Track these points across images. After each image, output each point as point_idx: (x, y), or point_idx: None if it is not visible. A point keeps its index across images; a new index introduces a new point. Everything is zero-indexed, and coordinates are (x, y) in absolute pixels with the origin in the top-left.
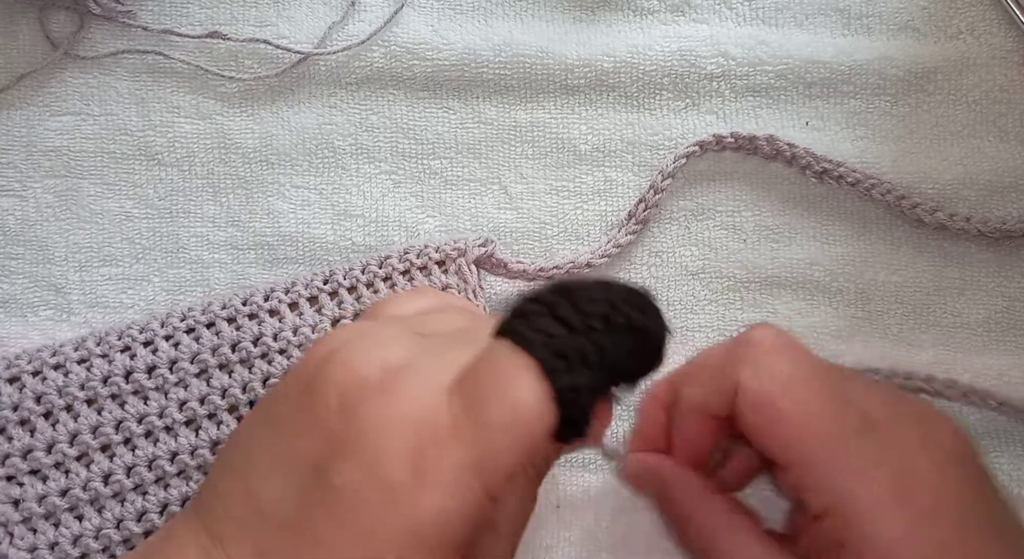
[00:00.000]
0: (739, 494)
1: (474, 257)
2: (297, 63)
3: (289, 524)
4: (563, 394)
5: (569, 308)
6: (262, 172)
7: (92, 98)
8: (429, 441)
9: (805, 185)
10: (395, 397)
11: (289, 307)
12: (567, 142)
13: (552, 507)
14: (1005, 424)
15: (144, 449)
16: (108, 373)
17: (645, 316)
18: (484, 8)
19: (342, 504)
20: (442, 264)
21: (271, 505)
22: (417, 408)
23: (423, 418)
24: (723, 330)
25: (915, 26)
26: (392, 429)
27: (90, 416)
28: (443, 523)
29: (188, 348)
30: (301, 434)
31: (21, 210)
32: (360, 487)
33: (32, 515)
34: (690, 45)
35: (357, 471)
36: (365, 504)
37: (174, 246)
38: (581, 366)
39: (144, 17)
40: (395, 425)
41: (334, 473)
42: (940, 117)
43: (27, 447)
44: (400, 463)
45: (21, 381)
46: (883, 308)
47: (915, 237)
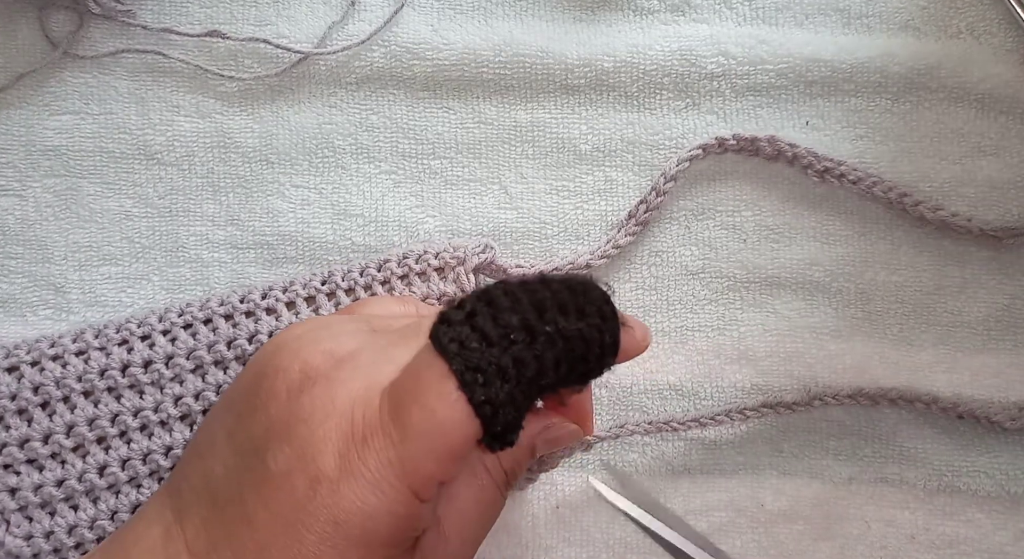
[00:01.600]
0: None
1: (473, 265)
2: (297, 63)
3: (228, 501)
4: (479, 407)
5: (489, 319)
6: (262, 171)
7: (91, 97)
8: (359, 437)
9: (805, 185)
10: (333, 389)
11: (286, 306)
12: (567, 142)
13: (552, 507)
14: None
15: (139, 443)
16: (105, 366)
17: (581, 319)
18: (484, 8)
19: (272, 487)
20: (441, 271)
21: (217, 483)
22: (351, 403)
23: (356, 414)
24: (723, 330)
25: (915, 25)
26: (326, 421)
27: (87, 408)
28: (365, 517)
29: (184, 344)
30: (251, 417)
31: (20, 209)
32: (291, 473)
33: (28, 504)
34: (690, 45)
35: (290, 457)
36: (292, 490)
37: (173, 245)
38: (498, 380)
39: (143, 16)
40: (329, 418)
41: (270, 457)
42: (941, 115)
43: (24, 437)
44: (329, 454)
45: (19, 371)
46: (883, 308)
47: (915, 236)
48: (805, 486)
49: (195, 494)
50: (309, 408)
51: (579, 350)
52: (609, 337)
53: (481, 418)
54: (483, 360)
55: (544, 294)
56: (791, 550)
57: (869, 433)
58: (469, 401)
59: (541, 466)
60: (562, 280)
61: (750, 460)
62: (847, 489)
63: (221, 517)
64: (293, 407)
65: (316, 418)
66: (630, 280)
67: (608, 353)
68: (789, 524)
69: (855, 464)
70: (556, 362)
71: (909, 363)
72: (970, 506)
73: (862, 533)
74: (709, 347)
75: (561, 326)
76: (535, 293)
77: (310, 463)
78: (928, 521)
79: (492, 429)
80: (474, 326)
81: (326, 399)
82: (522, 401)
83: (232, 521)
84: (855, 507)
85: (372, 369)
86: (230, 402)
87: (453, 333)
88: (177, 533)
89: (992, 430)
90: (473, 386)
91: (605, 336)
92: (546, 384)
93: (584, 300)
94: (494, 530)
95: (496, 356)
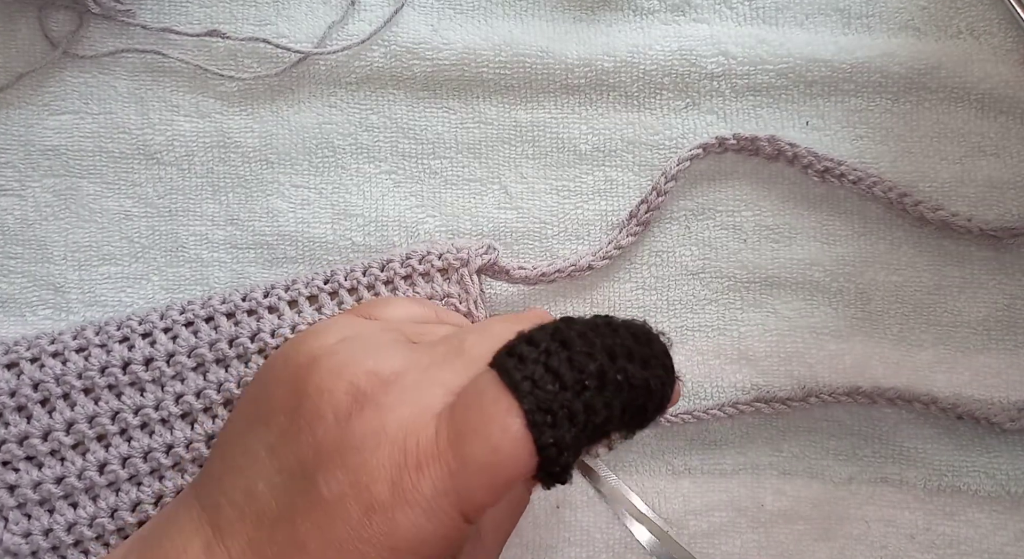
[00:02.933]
0: None
1: (477, 266)
2: (297, 62)
3: (277, 524)
4: (544, 449)
5: (564, 361)
6: (262, 171)
7: (91, 97)
8: (413, 464)
9: (805, 185)
10: (383, 416)
11: (288, 305)
12: (567, 142)
13: (552, 507)
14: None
15: (139, 440)
16: (106, 363)
17: (646, 369)
18: (484, 8)
19: (326, 513)
20: (444, 272)
21: (265, 503)
22: (404, 431)
23: (408, 442)
24: (723, 330)
25: (915, 25)
26: (378, 450)
27: (87, 405)
28: (419, 543)
29: (186, 341)
30: (295, 438)
31: (20, 209)
32: (344, 499)
33: (27, 501)
34: (690, 44)
35: (343, 484)
36: (347, 516)
37: (173, 245)
38: (567, 423)
39: (143, 16)
40: (381, 446)
41: (322, 483)
42: (941, 115)
43: (23, 434)
44: (383, 482)
45: (19, 368)
46: (883, 308)
47: (915, 236)
48: (805, 486)
49: (237, 511)
50: (360, 435)
51: (642, 400)
52: (669, 388)
53: (543, 458)
54: (556, 403)
55: (614, 341)
56: (791, 550)
57: (869, 433)
58: (535, 441)
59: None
60: (627, 326)
61: (750, 460)
62: (847, 489)
63: (270, 539)
64: (343, 434)
65: (368, 446)
66: (631, 280)
67: (664, 405)
68: (789, 524)
69: (855, 464)
70: (623, 410)
71: (909, 363)
72: (970, 506)
73: (862, 533)
74: (709, 347)
75: (631, 374)
76: (606, 338)
77: (364, 491)
78: (928, 521)
79: (551, 469)
80: (548, 367)
81: (377, 426)
82: (584, 445)
83: (283, 545)
84: (855, 507)
85: (421, 393)
86: (265, 415)
87: (527, 371)
88: (220, 551)
89: (992, 431)
90: (542, 427)
91: (667, 388)
92: (608, 430)
93: (649, 352)
94: None
95: (569, 400)
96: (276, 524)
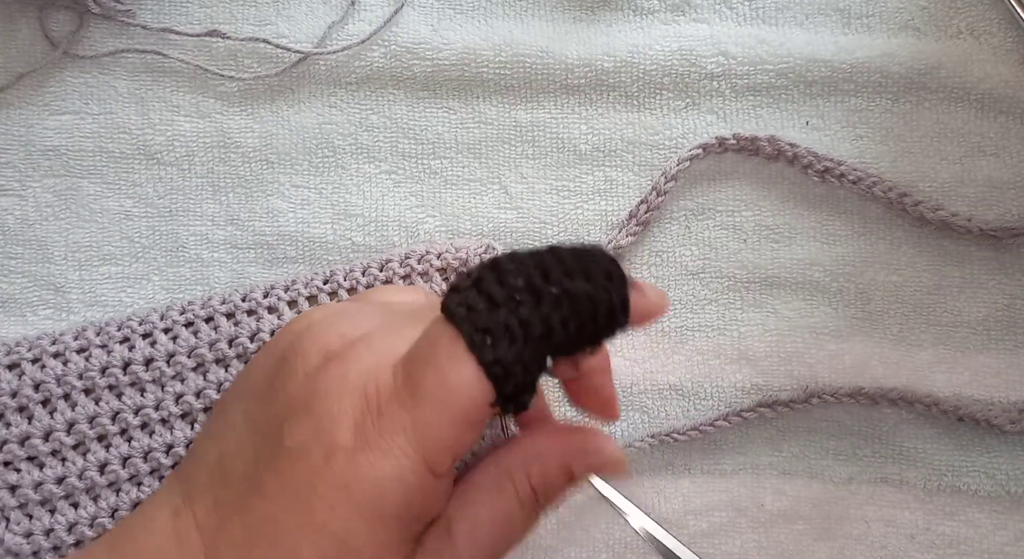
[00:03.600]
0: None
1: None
2: (297, 62)
3: (241, 477)
4: (489, 367)
5: (494, 283)
6: (262, 171)
7: (91, 97)
8: (375, 408)
9: (805, 185)
10: (347, 365)
11: (288, 305)
12: (567, 142)
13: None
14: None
15: (140, 440)
16: (106, 364)
17: (587, 281)
18: (484, 8)
19: (288, 459)
20: (443, 271)
21: (233, 464)
22: (365, 376)
23: (369, 388)
24: (723, 330)
25: (915, 25)
26: (342, 396)
27: (87, 406)
28: (376, 484)
29: (186, 342)
30: (269, 399)
31: (20, 209)
32: (307, 446)
33: (28, 501)
34: (690, 44)
35: (306, 431)
36: (308, 460)
37: (173, 245)
38: (507, 340)
39: (143, 16)
40: (345, 392)
41: (287, 434)
42: (941, 115)
43: (24, 434)
44: (346, 427)
45: (20, 368)
46: (883, 308)
47: (915, 236)
48: (805, 486)
49: (207, 476)
50: (325, 385)
51: (586, 310)
52: (616, 297)
53: (492, 379)
54: (490, 321)
55: (549, 259)
56: (791, 550)
57: (869, 433)
58: (479, 362)
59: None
60: (569, 247)
61: (750, 460)
62: (847, 489)
63: (234, 493)
64: (310, 385)
65: (332, 393)
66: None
67: (617, 313)
68: (789, 524)
69: (855, 464)
70: (563, 322)
71: (909, 363)
72: (970, 506)
73: (862, 533)
74: (709, 347)
75: (566, 287)
76: (540, 258)
77: (326, 435)
78: (928, 521)
79: (504, 390)
80: (480, 290)
81: (340, 375)
82: (532, 362)
83: (244, 495)
84: (855, 507)
85: (384, 346)
86: (247, 387)
87: (460, 298)
88: (187, 513)
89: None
90: (482, 347)
91: (612, 296)
92: (556, 344)
93: (590, 263)
94: None
95: (503, 317)
96: (241, 479)
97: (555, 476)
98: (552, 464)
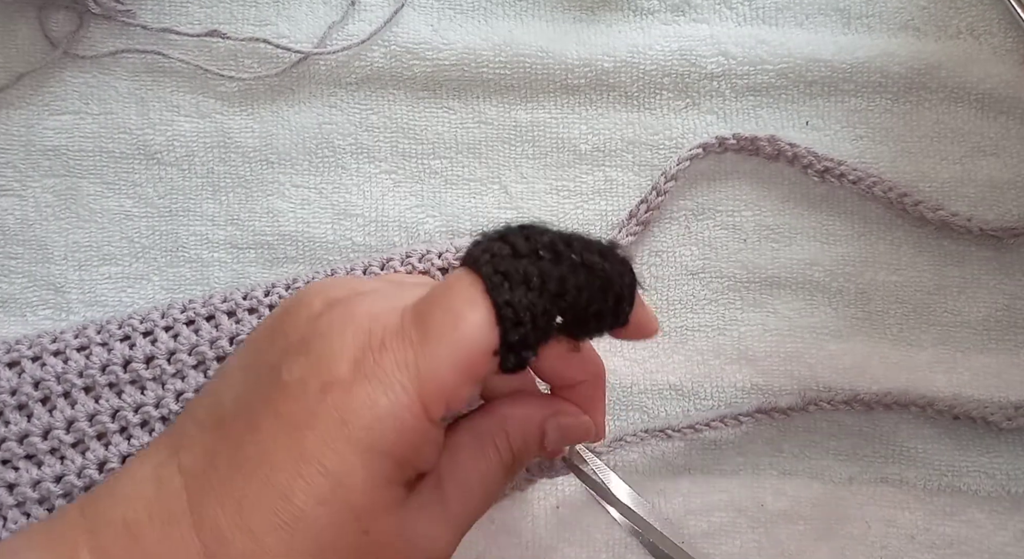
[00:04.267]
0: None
1: None
2: (297, 63)
3: (234, 418)
4: (501, 309)
5: (520, 236)
6: (262, 171)
7: (91, 97)
8: (377, 342)
9: (805, 185)
10: (352, 306)
11: None
12: (567, 142)
13: (552, 507)
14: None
15: (139, 439)
16: (107, 362)
17: (604, 260)
18: (484, 8)
19: (284, 395)
20: (444, 271)
21: (228, 407)
22: (372, 316)
23: (374, 325)
24: (723, 330)
25: (915, 25)
26: (344, 331)
27: (87, 404)
28: (372, 418)
29: (187, 340)
30: (269, 347)
31: (20, 209)
32: (303, 380)
33: (26, 500)
34: (690, 44)
35: (304, 366)
36: (303, 394)
37: (173, 245)
38: (522, 287)
39: (143, 16)
40: (347, 328)
41: (284, 371)
42: (941, 115)
43: (23, 432)
44: (344, 361)
45: (20, 366)
46: (883, 308)
47: (915, 236)
48: (805, 486)
49: (198, 426)
50: (327, 324)
51: (600, 283)
52: (628, 284)
53: (501, 321)
54: (510, 267)
55: (572, 235)
56: (791, 550)
57: (869, 433)
58: (493, 304)
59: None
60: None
61: (750, 460)
62: (847, 489)
63: (224, 435)
64: (312, 327)
65: (334, 331)
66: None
67: (625, 301)
68: (789, 524)
69: (855, 464)
70: (577, 288)
71: (909, 363)
72: (970, 506)
73: (862, 533)
74: (709, 347)
75: (586, 258)
76: (564, 232)
77: (323, 369)
78: (928, 521)
79: (510, 337)
80: (505, 240)
81: (345, 315)
82: (542, 316)
83: (235, 434)
84: (855, 507)
85: (394, 297)
86: (247, 343)
87: (485, 246)
88: (171, 465)
89: (990, 430)
90: (499, 288)
91: (624, 281)
92: (566, 307)
93: (608, 249)
94: (495, 531)
95: (523, 265)
96: (233, 420)
97: (532, 439)
98: (531, 428)
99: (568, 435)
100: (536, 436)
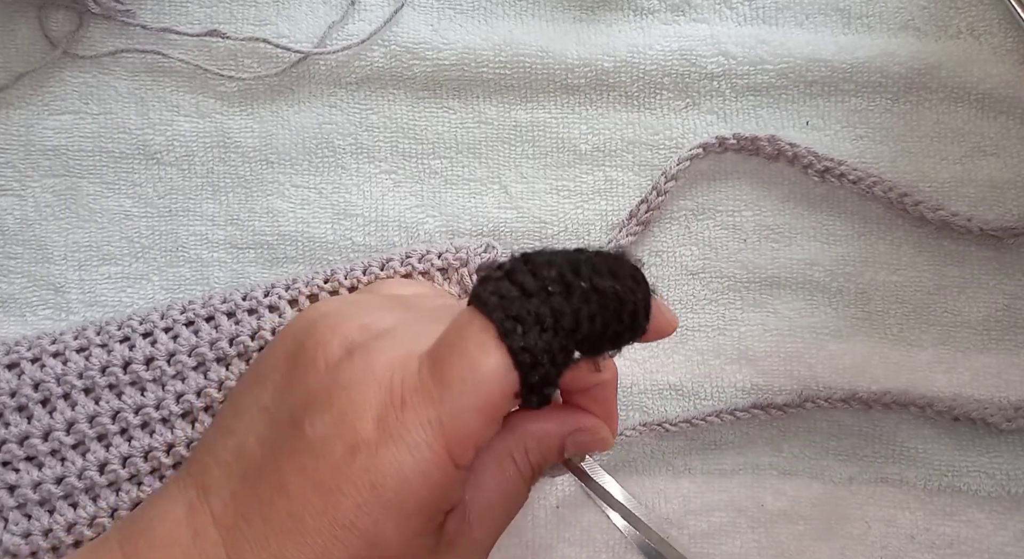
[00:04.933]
0: None
1: (476, 266)
2: (297, 62)
3: (262, 473)
4: (518, 355)
5: (527, 273)
6: (262, 171)
7: (91, 97)
8: (398, 400)
9: (805, 185)
10: (371, 357)
11: (289, 304)
12: (567, 142)
13: (552, 507)
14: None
15: (140, 440)
16: (107, 363)
17: (615, 280)
18: (484, 8)
19: (310, 453)
20: (444, 271)
21: (252, 456)
22: (390, 370)
23: (395, 379)
24: (723, 330)
25: (915, 25)
26: (365, 388)
27: (87, 405)
28: (401, 480)
29: (187, 341)
30: (288, 390)
31: (20, 209)
32: (328, 439)
33: (27, 501)
34: (690, 44)
35: (328, 424)
36: (329, 455)
37: (173, 245)
38: (537, 328)
39: (143, 16)
40: (368, 384)
41: (307, 425)
42: (941, 115)
43: (24, 434)
44: (368, 420)
45: (20, 368)
46: (883, 308)
47: (915, 236)
48: (805, 486)
49: (224, 470)
50: (348, 376)
51: (613, 307)
52: (642, 298)
53: (519, 367)
54: (522, 310)
55: (578, 257)
56: (791, 550)
57: (869, 433)
58: (509, 350)
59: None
60: (595, 250)
61: (750, 460)
62: (847, 489)
63: (253, 488)
64: (332, 377)
65: (355, 385)
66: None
67: (641, 316)
68: (789, 524)
69: (855, 464)
70: (591, 317)
71: (909, 363)
72: (970, 506)
73: (862, 533)
74: (709, 347)
75: (596, 283)
76: (570, 255)
77: (348, 429)
78: (928, 521)
79: (530, 379)
80: (513, 280)
81: (365, 367)
82: (559, 354)
83: (265, 490)
84: (855, 507)
85: (410, 340)
86: (261, 377)
87: (493, 287)
88: (202, 508)
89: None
90: (512, 334)
91: (638, 296)
92: (582, 339)
93: (617, 266)
94: None
95: (535, 306)
96: (260, 473)
97: (551, 453)
98: (551, 443)
99: (587, 449)
100: (556, 450)
